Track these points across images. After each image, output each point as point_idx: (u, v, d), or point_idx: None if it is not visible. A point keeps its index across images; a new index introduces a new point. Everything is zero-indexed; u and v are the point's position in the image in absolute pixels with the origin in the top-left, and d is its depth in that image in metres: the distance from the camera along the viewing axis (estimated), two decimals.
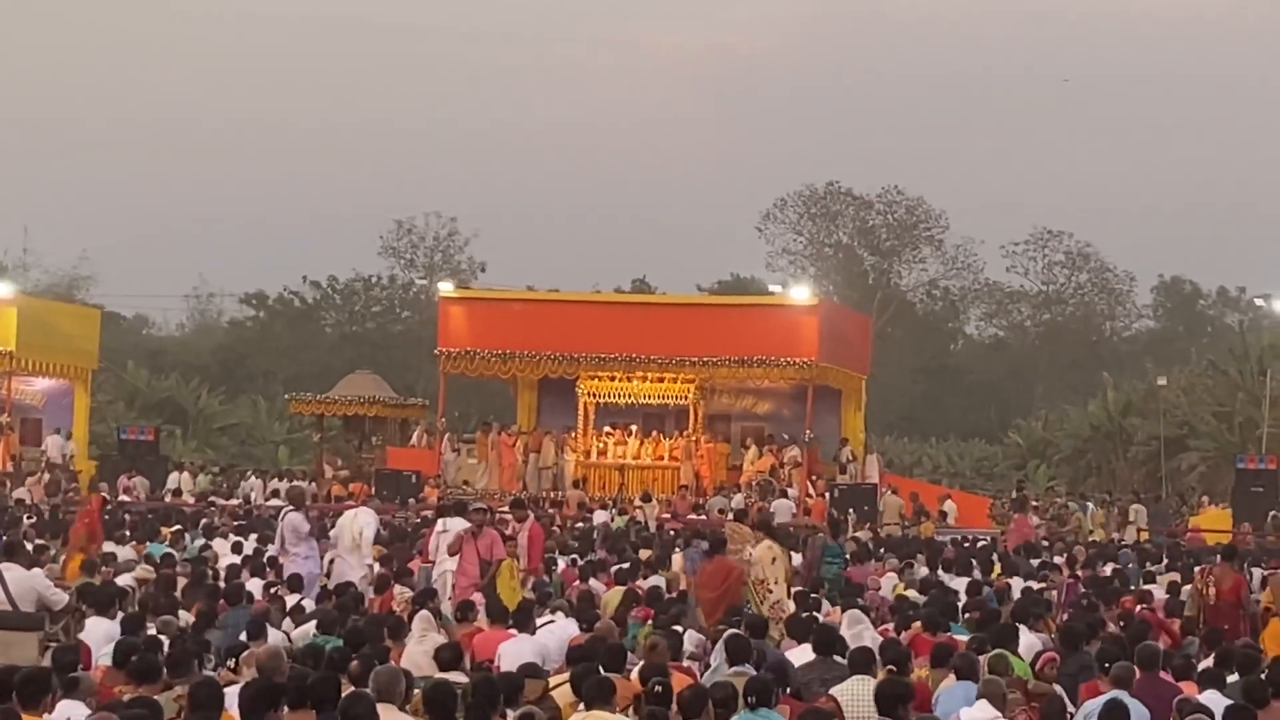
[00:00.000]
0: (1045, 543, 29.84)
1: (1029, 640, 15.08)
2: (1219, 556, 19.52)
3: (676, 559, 23.27)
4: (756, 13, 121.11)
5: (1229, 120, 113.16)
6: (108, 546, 22.73)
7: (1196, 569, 20.99)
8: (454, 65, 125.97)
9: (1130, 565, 25.80)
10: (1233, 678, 12.46)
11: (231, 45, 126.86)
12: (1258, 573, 21.29)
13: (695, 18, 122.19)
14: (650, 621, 15.98)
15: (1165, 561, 26.69)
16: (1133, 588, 21.73)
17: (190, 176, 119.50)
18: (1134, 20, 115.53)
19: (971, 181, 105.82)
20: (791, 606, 17.94)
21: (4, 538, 20.27)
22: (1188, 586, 20.94)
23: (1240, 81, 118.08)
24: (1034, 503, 37.30)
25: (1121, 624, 16.87)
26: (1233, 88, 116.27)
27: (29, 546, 20.35)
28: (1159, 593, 21.32)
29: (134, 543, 24.51)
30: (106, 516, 26.46)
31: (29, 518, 29.45)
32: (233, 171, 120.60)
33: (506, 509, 23.96)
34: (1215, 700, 11.24)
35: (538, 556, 20.52)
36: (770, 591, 17.61)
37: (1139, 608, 18.91)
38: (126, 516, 29.81)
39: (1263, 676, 12.65)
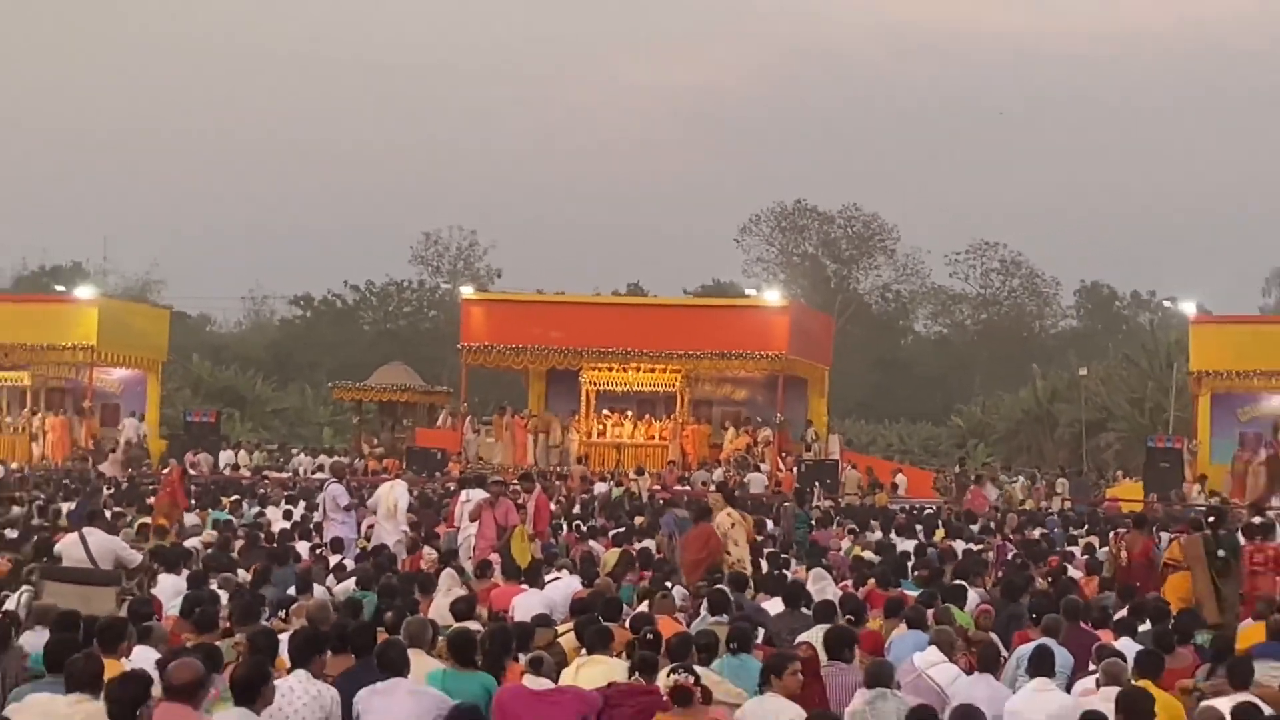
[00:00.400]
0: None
1: (969, 595, 15.13)
2: (1131, 523, 19.48)
3: None
4: (728, 55, 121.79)
5: (1142, 141, 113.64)
6: None
7: (1112, 534, 21.01)
8: (478, 101, 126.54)
9: (1056, 530, 25.80)
10: (1144, 627, 12.50)
11: (289, 81, 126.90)
12: (1165, 536, 21.24)
13: (676, 61, 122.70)
14: (647, 583, 16.00)
15: (1085, 527, 26.68)
16: (1058, 549, 21.77)
17: (246, 192, 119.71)
18: (1054, 59, 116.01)
19: (920, 199, 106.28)
20: (757, 564, 18.01)
21: (87, 506, 20.35)
22: (1104, 549, 21.00)
23: (1151, 111, 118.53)
24: (978, 475, 37.30)
25: (1049, 580, 16.92)
26: (1144, 115, 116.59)
27: (108, 514, 20.36)
28: (1079, 554, 21.38)
29: (199, 510, 24.49)
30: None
31: (108, 489, 29.46)
32: (283, 188, 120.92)
33: (517, 482, 23.92)
34: (1128, 646, 11.28)
35: (544, 522, 20.47)
36: (729, 553, 17.66)
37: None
38: (192, 488, 29.73)
39: (1170, 626, 12.73)
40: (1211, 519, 17.86)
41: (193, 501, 25.51)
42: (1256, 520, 19.86)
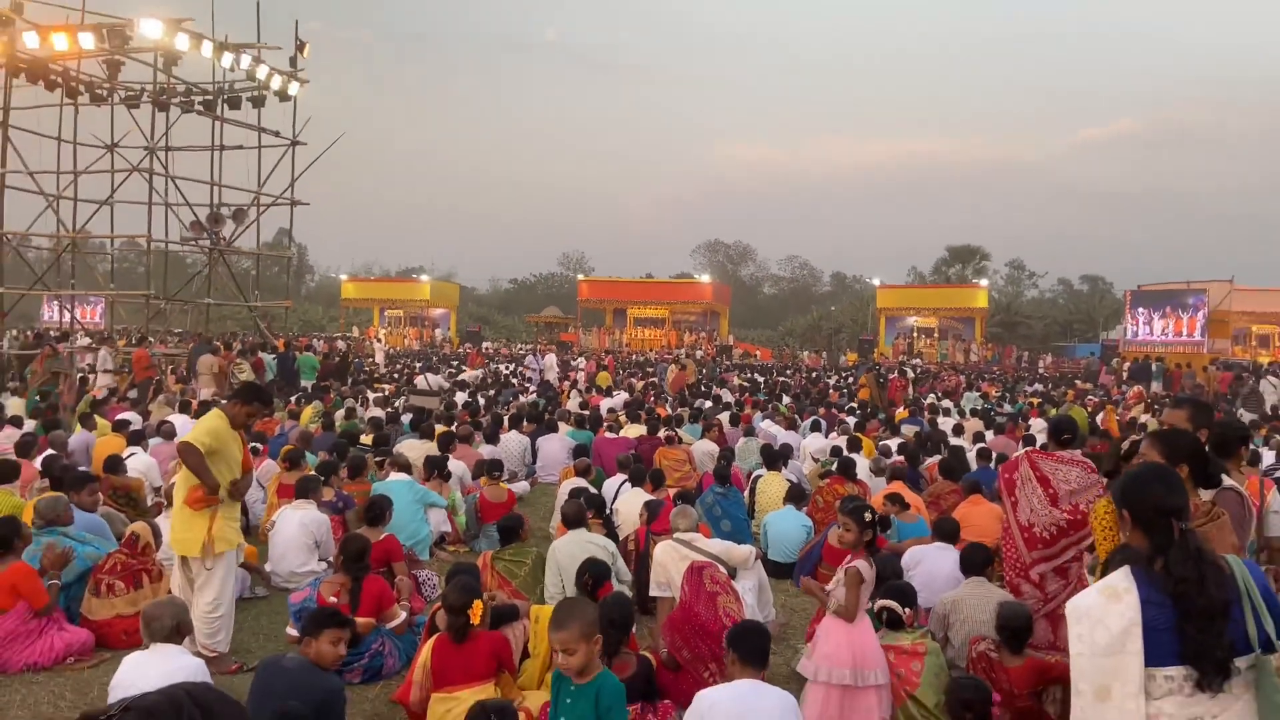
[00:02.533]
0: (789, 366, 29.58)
1: (784, 398, 15.06)
2: (861, 370, 19.23)
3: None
4: (690, 181, 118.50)
5: (850, 218, 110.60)
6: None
7: (858, 375, 20.75)
8: (584, 198, 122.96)
9: (824, 373, 25.60)
10: (859, 412, 12.37)
11: (525, 198, 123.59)
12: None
13: (668, 184, 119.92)
14: (654, 398, 15.90)
15: (834, 370, 26.48)
16: (823, 380, 21.55)
17: (492, 231, 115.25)
18: (823, 182, 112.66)
19: (768, 238, 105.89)
20: (698, 386, 17.89)
21: (427, 363, 20.42)
22: (842, 380, 20.62)
23: (857, 203, 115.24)
24: (826, 354, 37.45)
25: (820, 394, 16.79)
26: (853, 207, 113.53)
27: (437, 366, 20.39)
28: (833, 383, 21.19)
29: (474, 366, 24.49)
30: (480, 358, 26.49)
31: (436, 358, 29.49)
32: (510, 233, 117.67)
33: (605, 353, 23.83)
34: (850, 419, 11.19)
35: (612, 368, 20.39)
36: (688, 382, 17.60)
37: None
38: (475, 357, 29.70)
39: (868, 411, 12.65)
40: (877, 366, 17.79)
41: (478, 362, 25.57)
42: (900, 366, 19.65)
